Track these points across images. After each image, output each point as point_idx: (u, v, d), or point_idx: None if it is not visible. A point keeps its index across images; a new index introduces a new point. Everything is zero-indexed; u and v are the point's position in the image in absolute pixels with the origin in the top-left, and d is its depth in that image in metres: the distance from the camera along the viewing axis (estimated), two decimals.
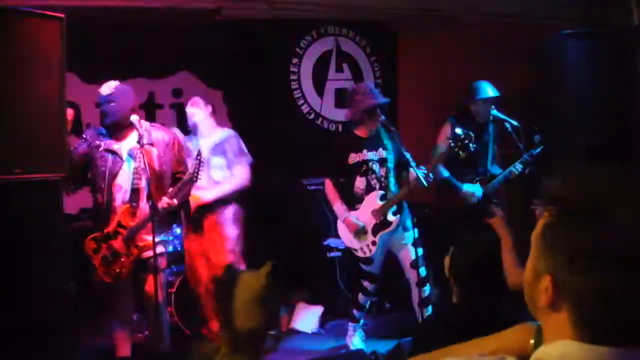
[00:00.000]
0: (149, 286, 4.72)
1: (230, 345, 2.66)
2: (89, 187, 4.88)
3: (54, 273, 4.07)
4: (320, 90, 7.21)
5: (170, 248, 6.08)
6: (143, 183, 4.72)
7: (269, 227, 6.42)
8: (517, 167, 5.70)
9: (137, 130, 4.67)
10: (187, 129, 6.64)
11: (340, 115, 5.66)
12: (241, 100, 6.74)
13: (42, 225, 4.00)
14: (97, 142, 4.74)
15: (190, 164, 4.84)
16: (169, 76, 6.76)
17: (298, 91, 7.14)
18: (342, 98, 6.17)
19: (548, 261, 1.19)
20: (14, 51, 3.87)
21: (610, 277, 1.12)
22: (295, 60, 7.12)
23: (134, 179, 4.73)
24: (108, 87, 4.81)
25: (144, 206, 4.69)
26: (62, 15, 4.08)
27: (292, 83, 7.10)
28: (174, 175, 4.90)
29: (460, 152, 5.18)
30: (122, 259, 4.67)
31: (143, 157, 4.61)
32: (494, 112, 5.74)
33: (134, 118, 4.74)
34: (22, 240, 3.86)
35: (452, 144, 5.18)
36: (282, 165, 6.55)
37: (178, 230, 6.20)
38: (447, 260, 3.07)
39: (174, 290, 5.77)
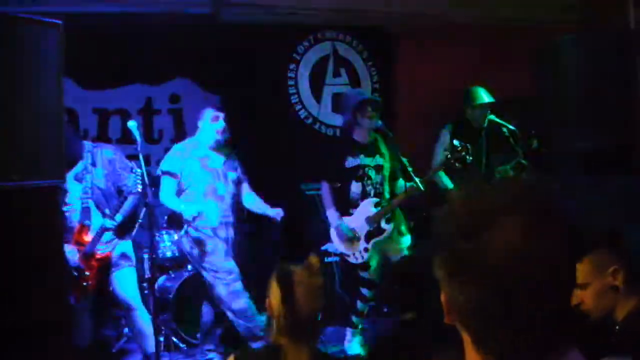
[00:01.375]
0: (115, 287, 5.03)
1: (293, 334, 2.80)
2: None
3: (53, 276, 4.06)
4: (317, 95, 7.22)
5: (169, 254, 6.08)
6: (91, 202, 4.98)
7: (267, 232, 6.40)
8: (508, 170, 5.73)
9: (135, 137, 4.73)
10: (183, 135, 6.68)
11: (338, 120, 5.67)
12: (239, 106, 6.74)
13: (41, 231, 3.99)
14: None
15: (131, 180, 4.96)
16: (167, 82, 6.75)
17: (295, 96, 7.14)
18: (338, 103, 6.17)
19: (442, 281, 1.22)
20: (12, 57, 3.86)
21: (481, 290, 1.14)
22: (292, 66, 7.12)
23: (82, 198, 4.95)
24: None
25: (96, 222, 4.96)
26: (60, 22, 4.07)
27: (290, 88, 7.10)
28: (118, 189, 5.12)
29: (457, 164, 5.22)
30: (86, 273, 4.91)
31: (90, 178, 4.94)
32: (491, 116, 5.76)
33: (131, 124, 4.77)
34: (20, 245, 3.85)
35: (450, 156, 5.20)
36: (279, 170, 6.54)
37: (176, 236, 6.18)
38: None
39: (171, 295, 5.75)
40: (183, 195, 5.22)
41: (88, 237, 4.92)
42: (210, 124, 5.31)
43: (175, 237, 6.17)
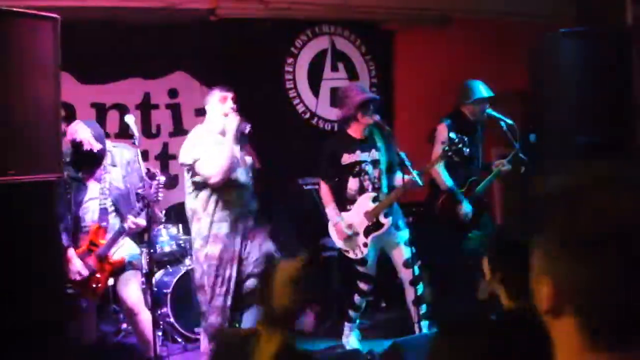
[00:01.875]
0: (122, 291, 4.94)
1: (267, 322, 2.88)
2: None
3: (52, 273, 4.07)
4: (315, 89, 7.21)
5: (167, 248, 6.09)
6: (109, 202, 4.91)
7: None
8: (506, 165, 5.74)
9: (132, 132, 4.71)
10: (182, 130, 6.67)
11: (336, 113, 5.66)
12: (237, 100, 6.73)
13: (38, 227, 3.99)
14: None
15: (150, 184, 4.81)
16: (165, 76, 6.74)
17: (293, 91, 7.14)
18: (337, 97, 6.16)
19: (542, 258, 1.08)
20: (8, 52, 3.86)
21: (609, 259, 0.99)
22: (290, 60, 7.12)
23: (101, 199, 4.89)
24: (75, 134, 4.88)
25: (113, 224, 4.89)
26: (57, 16, 4.07)
27: (288, 82, 7.09)
28: (137, 192, 4.97)
29: (455, 157, 5.23)
30: (97, 275, 4.83)
31: (108, 178, 4.89)
32: (489, 111, 5.76)
33: (129, 119, 4.76)
34: (18, 241, 3.85)
35: (447, 149, 5.21)
36: (277, 165, 6.54)
37: (174, 231, 6.20)
38: (486, 262, 2.76)
39: (169, 290, 5.76)
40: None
41: (104, 239, 4.86)
42: (219, 106, 5.04)
43: (174, 231, 6.19)
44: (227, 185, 4.86)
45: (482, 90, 5.79)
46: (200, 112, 6.79)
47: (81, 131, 4.81)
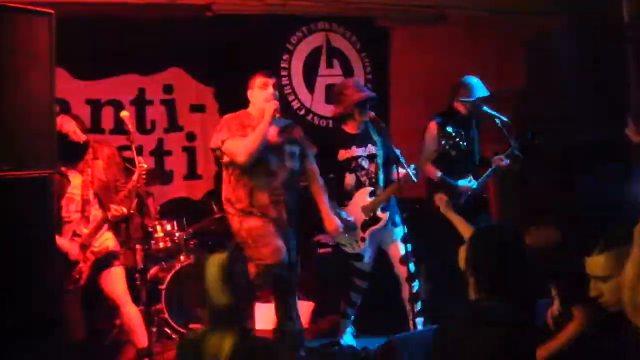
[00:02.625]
0: (105, 284, 4.98)
1: (212, 323, 2.85)
2: None
3: (47, 270, 4.05)
4: (310, 86, 7.20)
5: (162, 244, 6.08)
6: (91, 193, 4.96)
7: None
8: (505, 160, 5.72)
9: (127, 127, 4.71)
10: (177, 125, 6.66)
11: (331, 110, 5.65)
12: (232, 97, 6.71)
13: (33, 222, 3.98)
14: None
15: (135, 174, 4.87)
16: (160, 72, 6.73)
17: (288, 87, 7.13)
18: (334, 93, 6.14)
19: None
20: (3, 47, 3.84)
21: None
22: (285, 56, 7.11)
23: (83, 190, 4.95)
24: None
25: (95, 214, 4.96)
26: (51, 11, 4.06)
27: (283, 79, 7.08)
28: (116, 185, 5.06)
29: (452, 151, 5.22)
30: (80, 265, 4.87)
31: (91, 170, 4.95)
32: (484, 107, 5.75)
33: (124, 114, 4.76)
34: (13, 237, 3.84)
35: (444, 142, 5.20)
36: None
37: (169, 226, 6.19)
38: (462, 251, 2.92)
39: (163, 286, 5.76)
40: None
41: (86, 229, 4.91)
42: (260, 92, 4.96)
43: (168, 227, 6.17)
44: (257, 171, 4.84)
45: (480, 88, 5.77)
46: (195, 108, 6.81)
47: (66, 124, 4.86)
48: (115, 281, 5.00)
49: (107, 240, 5.03)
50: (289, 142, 5.02)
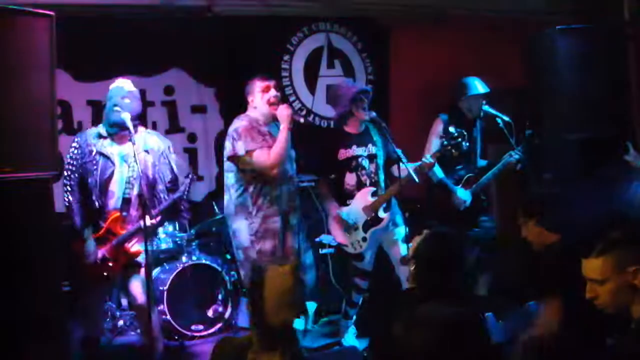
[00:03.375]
0: (135, 288, 4.80)
1: (264, 342, 2.70)
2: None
3: (47, 270, 4.06)
4: (311, 86, 7.20)
5: (164, 246, 6.09)
6: (135, 192, 4.76)
7: None
8: (504, 163, 5.72)
9: (129, 129, 4.65)
10: (178, 127, 6.66)
11: (332, 111, 5.66)
12: (233, 97, 6.71)
13: (34, 223, 3.99)
14: (89, 148, 4.72)
15: (181, 181, 4.86)
16: (161, 73, 6.72)
17: (289, 88, 7.13)
18: (330, 95, 6.14)
19: None
20: (4, 49, 3.85)
21: None
22: (286, 57, 7.10)
23: (126, 187, 4.76)
24: (130, 84, 4.90)
25: (135, 215, 4.77)
26: (52, 13, 4.06)
27: (284, 79, 7.08)
28: (165, 185, 4.91)
29: (454, 151, 5.22)
30: (110, 264, 4.72)
31: (138, 164, 4.65)
32: (485, 107, 5.75)
33: (125, 116, 4.71)
34: (13, 238, 3.84)
35: (446, 143, 5.21)
36: None
37: (170, 228, 6.19)
38: (415, 241, 3.25)
39: (166, 287, 5.76)
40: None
41: (124, 229, 4.73)
42: (261, 95, 5.02)
43: (170, 229, 6.18)
44: (279, 181, 4.91)
45: (477, 86, 5.80)
46: (196, 109, 6.81)
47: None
48: (142, 284, 4.81)
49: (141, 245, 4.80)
50: (291, 147, 5.07)
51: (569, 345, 3.27)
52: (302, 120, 4.98)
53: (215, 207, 6.21)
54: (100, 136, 4.77)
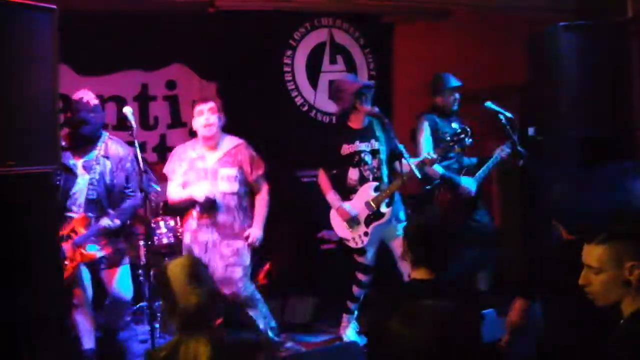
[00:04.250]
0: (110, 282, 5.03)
1: (185, 329, 2.80)
2: None
3: (49, 266, 4.06)
4: (314, 82, 7.19)
5: (165, 240, 6.08)
6: (96, 194, 4.96)
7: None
8: (497, 157, 5.72)
9: (130, 123, 4.69)
10: (180, 121, 6.66)
11: (334, 107, 5.66)
12: (235, 93, 6.72)
13: (35, 218, 3.98)
14: None
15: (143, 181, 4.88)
16: (163, 68, 6.72)
17: (292, 83, 7.12)
18: (332, 91, 6.14)
19: None
20: (6, 43, 3.84)
21: None
22: (289, 52, 7.10)
23: (89, 189, 4.94)
24: (92, 97, 5.02)
25: (97, 216, 4.94)
26: (55, 7, 4.06)
27: (286, 75, 7.08)
28: (122, 191, 5.09)
29: (457, 147, 5.24)
30: (66, 262, 4.82)
31: (98, 169, 4.93)
32: (488, 104, 5.73)
33: (127, 110, 4.75)
34: (15, 232, 3.84)
35: (449, 139, 5.22)
36: (275, 157, 6.52)
37: (172, 222, 6.18)
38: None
39: None
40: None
41: (84, 230, 4.87)
42: (197, 119, 5.27)
43: (172, 223, 6.18)
44: None
45: (451, 80, 5.85)
46: None
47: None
48: (123, 280, 5.07)
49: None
50: (227, 165, 5.24)
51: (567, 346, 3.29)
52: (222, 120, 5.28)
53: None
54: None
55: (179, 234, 6.14)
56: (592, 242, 2.55)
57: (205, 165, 5.20)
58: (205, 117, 5.17)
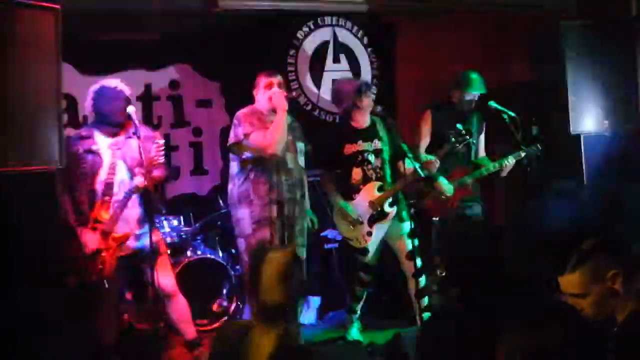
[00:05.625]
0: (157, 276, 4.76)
1: (259, 317, 2.88)
2: None
3: (50, 266, 4.06)
4: (317, 81, 7.19)
5: (168, 240, 6.08)
6: (118, 177, 4.76)
7: None
8: (509, 160, 5.65)
9: (133, 122, 4.68)
10: (183, 121, 6.65)
11: (337, 108, 5.66)
12: (238, 92, 6.71)
13: (38, 216, 3.99)
14: (75, 148, 4.71)
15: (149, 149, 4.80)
16: (166, 67, 6.73)
17: (295, 82, 7.11)
18: (333, 94, 6.13)
19: None
20: (10, 42, 3.85)
21: None
22: (292, 52, 7.09)
23: (108, 172, 4.76)
24: (121, 83, 4.96)
25: (117, 199, 4.72)
26: (58, 6, 4.06)
27: (290, 74, 7.06)
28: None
29: (460, 146, 5.23)
30: (103, 254, 4.64)
31: (138, 149, 4.64)
32: (491, 103, 5.72)
33: (130, 109, 4.75)
34: (17, 232, 3.85)
35: (453, 140, 5.21)
36: None
37: (175, 222, 6.18)
38: None
39: None
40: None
41: (107, 214, 4.69)
42: (263, 92, 5.15)
43: (175, 223, 6.18)
44: (276, 168, 5.00)
45: (474, 84, 5.73)
46: (202, 104, 6.81)
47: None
48: (164, 269, 4.87)
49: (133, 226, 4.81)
50: (297, 139, 5.19)
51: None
52: (294, 94, 5.19)
53: (220, 201, 6.21)
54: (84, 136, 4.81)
55: (182, 233, 6.14)
56: (566, 272, 2.54)
57: None
58: (276, 89, 5.10)
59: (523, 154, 5.62)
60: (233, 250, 6.12)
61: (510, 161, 5.62)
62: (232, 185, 5.14)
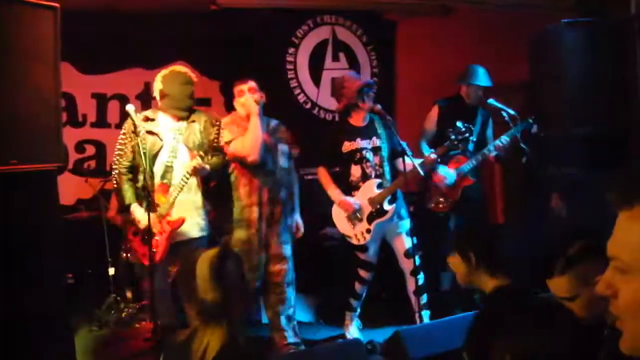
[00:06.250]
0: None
1: (201, 318, 2.90)
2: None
3: (50, 264, 4.06)
4: (316, 79, 7.20)
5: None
6: (177, 161, 4.84)
7: None
8: (503, 139, 5.66)
9: (132, 120, 4.69)
10: None
11: (336, 104, 5.67)
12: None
13: (38, 216, 3.99)
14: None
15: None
16: (165, 66, 6.72)
17: (294, 81, 7.13)
18: (334, 88, 6.15)
19: None
20: (8, 41, 3.84)
21: None
22: (291, 50, 7.10)
23: (169, 156, 4.84)
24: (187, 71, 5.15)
25: (176, 183, 4.77)
26: (57, 5, 4.06)
27: (289, 72, 7.08)
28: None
29: (460, 145, 5.23)
30: (156, 237, 4.66)
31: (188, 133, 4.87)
32: (491, 100, 5.74)
33: (130, 108, 4.75)
34: (17, 230, 3.85)
35: (453, 137, 5.21)
36: None
37: None
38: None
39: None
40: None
41: (164, 197, 4.73)
42: (237, 100, 5.23)
43: None
44: (256, 170, 5.07)
45: (481, 77, 5.79)
46: (201, 102, 6.81)
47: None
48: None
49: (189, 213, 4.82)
50: (280, 142, 5.27)
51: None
52: (257, 97, 5.08)
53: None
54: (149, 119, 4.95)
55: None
56: (554, 276, 2.54)
57: None
58: (245, 97, 5.17)
59: (517, 131, 5.64)
60: None
61: (503, 141, 5.63)
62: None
